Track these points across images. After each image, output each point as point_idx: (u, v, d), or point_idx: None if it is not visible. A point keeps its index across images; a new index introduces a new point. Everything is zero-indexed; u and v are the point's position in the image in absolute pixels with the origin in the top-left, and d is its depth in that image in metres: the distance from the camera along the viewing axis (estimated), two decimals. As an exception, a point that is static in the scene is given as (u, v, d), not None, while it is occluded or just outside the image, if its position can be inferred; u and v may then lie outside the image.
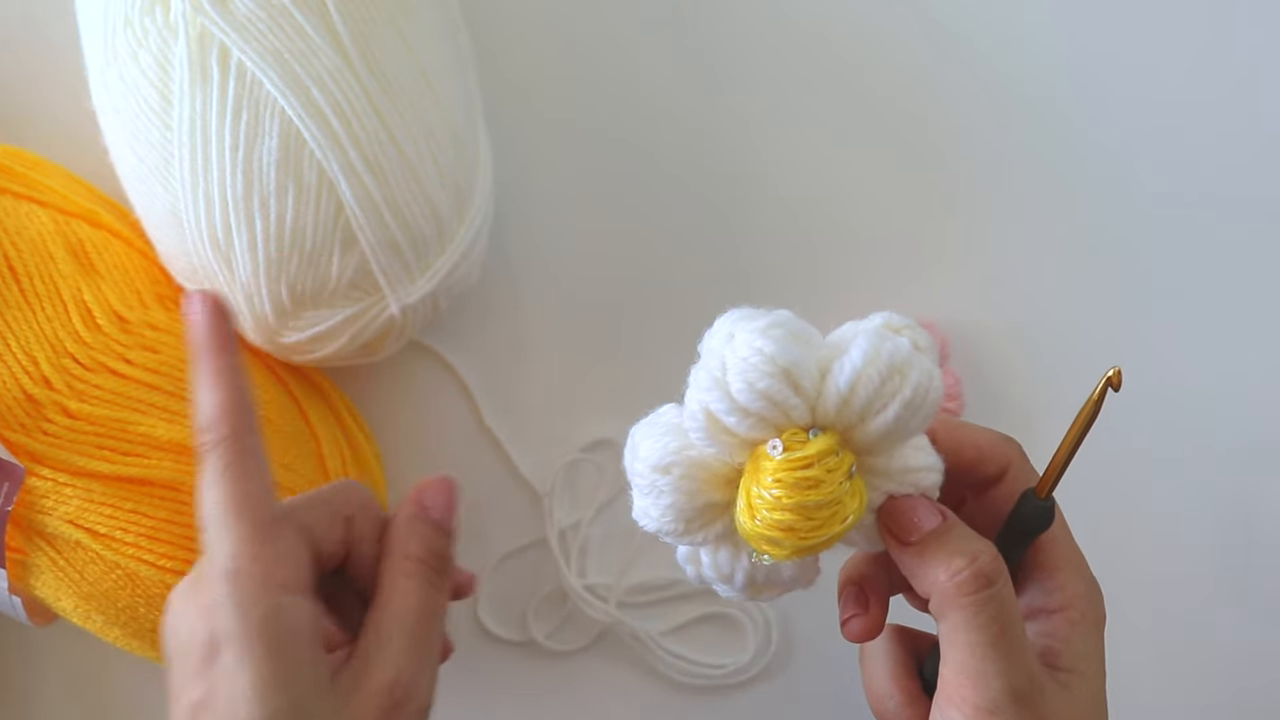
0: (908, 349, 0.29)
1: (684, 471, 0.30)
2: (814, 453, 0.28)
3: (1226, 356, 0.55)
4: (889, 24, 0.54)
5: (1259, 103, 0.55)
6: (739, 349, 0.28)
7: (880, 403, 0.29)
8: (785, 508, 0.28)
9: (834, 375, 0.29)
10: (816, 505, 0.28)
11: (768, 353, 0.28)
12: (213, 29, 0.40)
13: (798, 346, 0.29)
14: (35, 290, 0.42)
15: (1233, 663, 0.55)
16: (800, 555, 0.29)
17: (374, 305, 0.44)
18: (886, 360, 0.29)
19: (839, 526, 0.29)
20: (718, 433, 0.29)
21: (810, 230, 0.54)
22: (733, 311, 0.30)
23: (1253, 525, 0.55)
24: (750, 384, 0.28)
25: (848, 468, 0.29)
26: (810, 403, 0.29)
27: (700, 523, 0.30)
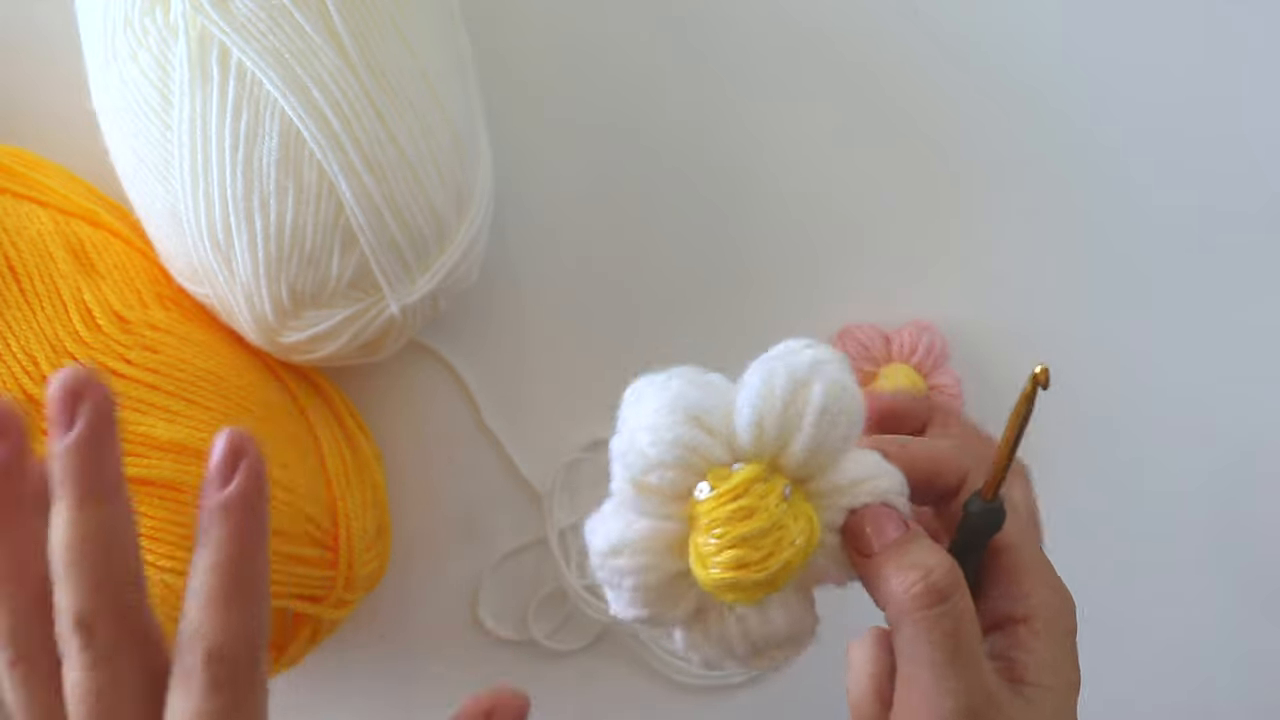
0: (807, 363, 0.30)
1: (636, 548, 0.29)
2: (739, 482, 0.29)
3: (1226, 356, 0.55)
4: (890, 26, 0.54)
5: (1259, 103, 0.55)
6: (642, 410, 0.29)
7: (793, 421, 0.29)
8: (728, 544, 0.28)
9: (739, 407, 0.29)
10: (758, 533, 0.28)
11: (668, 402, 0.29)
12: (213, 29, 0.40)
13: (696, 390, 0.29)
14: (35, 290, 0.42)
15: (1233, 662, 0.55)
16: (766, 590, 0.29)
17: (374, 305, 0.44)
18: (785, 378, 0.29)
19: (789, 550, 0.29)
20: (649, 496, 0.29)
21: (811, 230, 0.54)
22: (637, 380, 0.31)
23: (1252, 525, 0.55)
24: (659, 436, 0.29)
25: (780, 490, 0.29)
26: (726, 441, 0.29)
27: (672, 596, 0.30)
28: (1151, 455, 0.55)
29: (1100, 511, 0.55)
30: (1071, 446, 0.54)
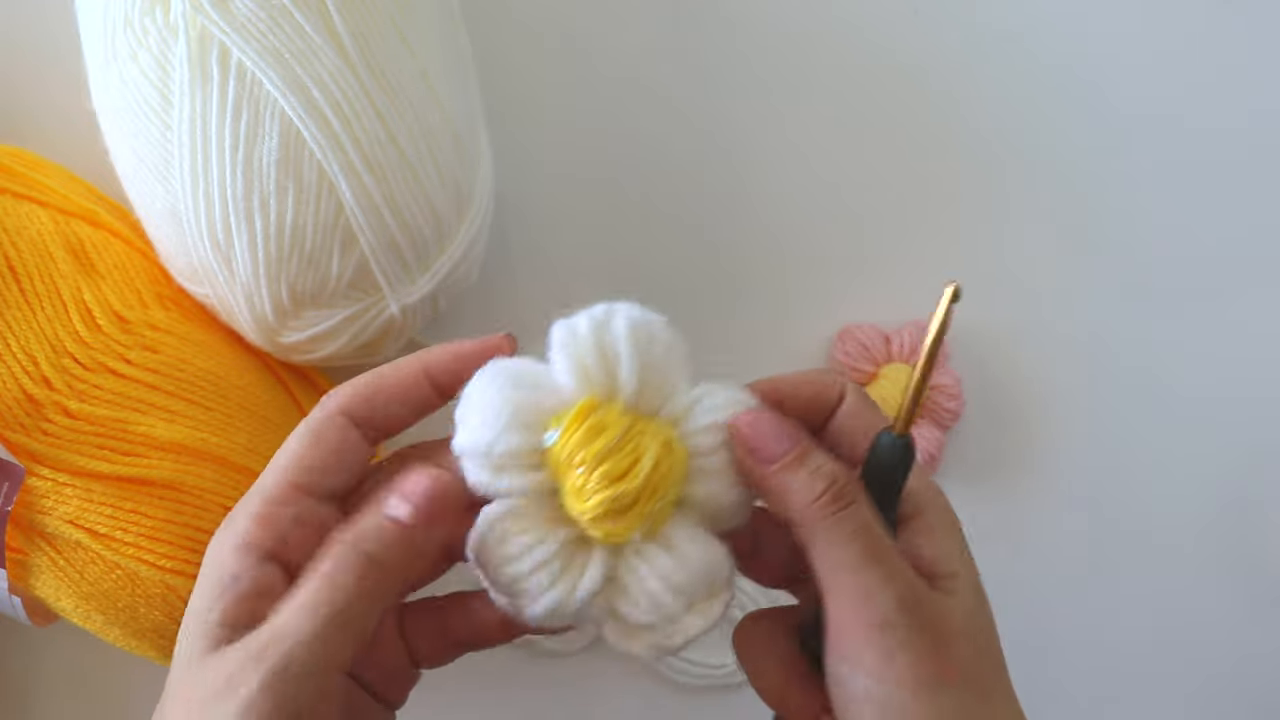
0: (601, 308, 0.31)
1: (519, 534, 0.30)
2: (578, 409, 0.29)
3: (1227, 356, 0.55)
4: (890, 26, 0.54)
5: (1260, 102, 0.55)
6: (468, 404, 0.30)
7: (609, 351, 0.30)
8: (592, 464, 0.29)
9: (553, 360, 0.30)
10: (615, 444, 0.29)
11: (486, 384, 0.30)
12: (213, 29, 0.40)
13: (514, 366, 0.31)
14: (35, 290, 0.42)
15: (1234, 661, 0.55)
16: (652, 506, 0.29)
17: (374, 305, 0.44)
18: (586, 321, 0.30)
19: (655, 452, 0.29)
20: (506, 472, 0.30)
21: (811, 230, 0.54)
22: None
23: (1256, 524, 0.55)
24: (486, 411, 0.29)
25: (619, 408, 0.30)
26: (554, 395, 0.30)
27: (577, 567, 0.30)
28: (1152, 455, 0.55)
29: (1100, 511, 0.55)
30: (1071, 446, 0.54)
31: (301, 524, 0.30)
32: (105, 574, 0.41)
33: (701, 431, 0.31)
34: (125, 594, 0.41)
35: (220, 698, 0.27)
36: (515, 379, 0.30)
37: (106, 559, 0.41)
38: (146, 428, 0.41)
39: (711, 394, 0.31)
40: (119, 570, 0.41)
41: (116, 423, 0.41)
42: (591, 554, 0.30)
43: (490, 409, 0.29)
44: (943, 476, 0.54)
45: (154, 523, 0.41)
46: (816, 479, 0.30)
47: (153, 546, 0.41)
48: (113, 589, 0.41)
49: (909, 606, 0.29)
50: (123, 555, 0.41)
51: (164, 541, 0.41)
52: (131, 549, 0.41)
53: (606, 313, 0.31)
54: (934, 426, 0.52)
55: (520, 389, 0.30)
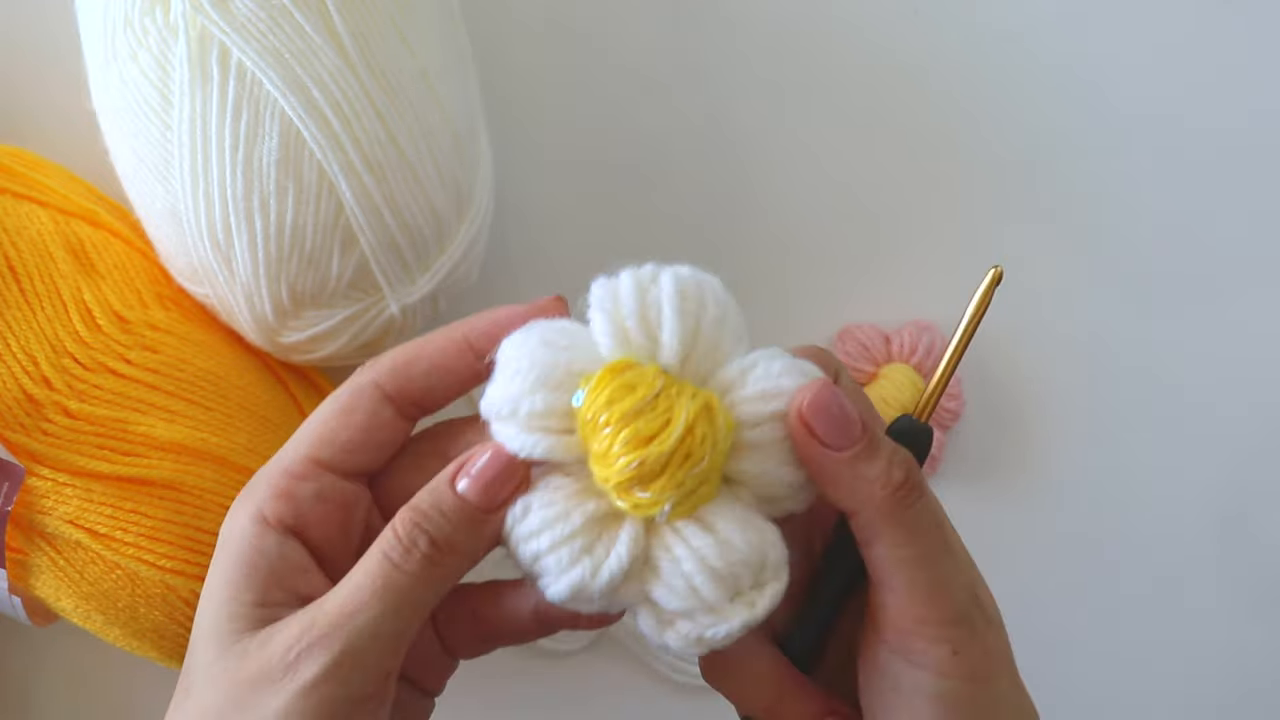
0: (649, 268, 0.29)
1: (547, 504, 0.28)
2: (607, 367, 0.27)
3: (1227, 357, 0.55)
4: (890, 26, 0.54)
5: (1260, 102, 0.55)
6: (501, 365, 0.28)
7: (652, 313, 0.28)
8: (620, 424, 0.26)
9: (592, 321, 0.28)
10: (646, 402, 0.26)
11: (520, 342, 0.28)
12: (213, 29, 0.40)
13: (550, 327, 0.28)
14: (35, 290, 0.42)
15: (1232, 661, 0.55)
16: (684, 475, 0.26)
17: (374, 305, 0.44)
18: (629, 281, 0.28)
19: (689, 414, 0.26)
20: (537, 431, 0.27)
21: (811, 230, 0.54)
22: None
23: (1252, 524, 0.55)
24: (518, 367, 0.28)
25: (655, 369, 0.27)
26: (588, 355, 0.28)
27: (606, 541, 0.27)
28: (1151, 455, 0.55)
29: (1100, 511, 0.55)
30: (1071, 446, 0.54)
31: (322, 500, 0.29)
32: (105, 574, 0.41)
33: (753, 400, 0.28)
34: (125, 594, 0.41)
35: (274, 680, 0.26)
36: (547, 339, 0.28)
37: (106, 559, 0.41)
38: (146, 428, 0.41)
39: (767, 360, 0.28)
40: (119, 570, 0.41)
41: (116, 423, 0.41)
42: (621, 530, 0.27)
43: (517, 368, 0.27)
44: (942, 476, 0.54)
45: (154, 523, 0.41)
46: (895, 468, 0.27)
47: (153, 546, 0.41)
48: (113, 589, 0.41)
49: (975, 600, 0.28)
50: (123, 555, 0.41)
51: (164, 541, 0.41)
52: (131, 549, 0.41)
53: (653, 271, 0.28)
54: (934, 426, 0.52)
55: (551, 349, 0.27)
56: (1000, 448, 0.54)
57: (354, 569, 0.28)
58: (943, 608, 0.27)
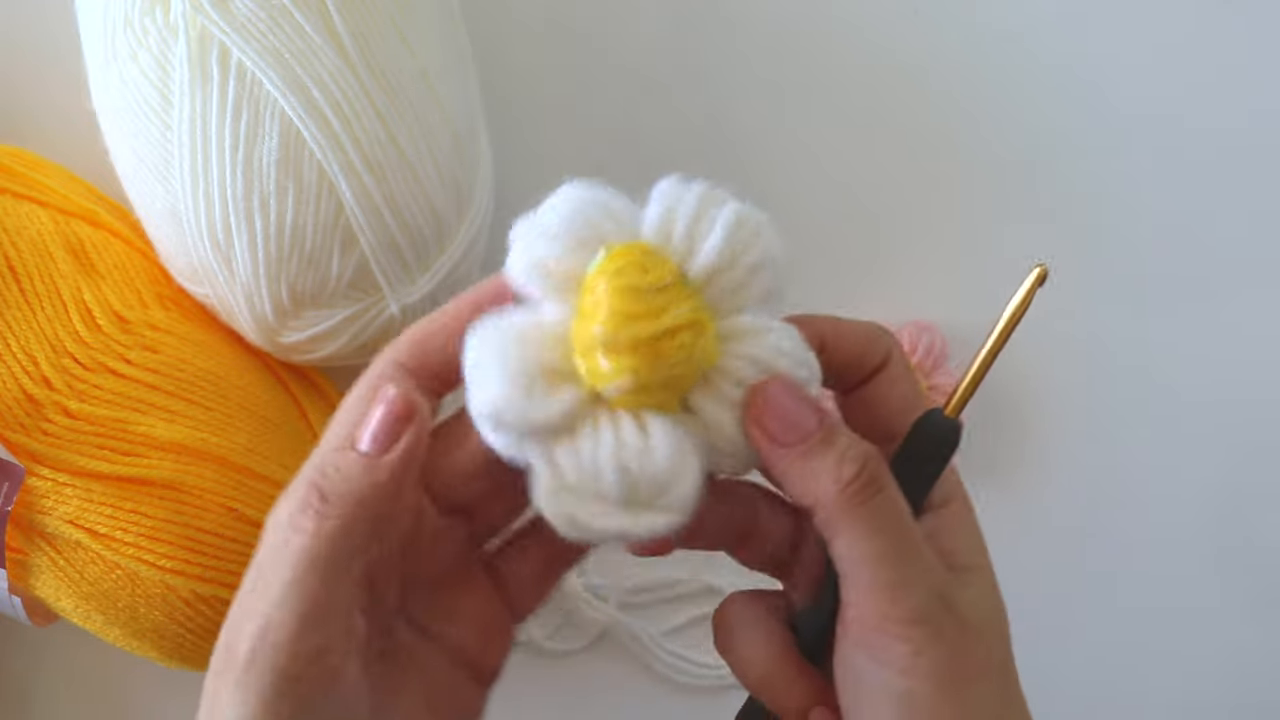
0: (724, 193, 0.28)
1: (518, 326, 0.27)
2: (634, 244, 0.27)
3: (1226, 356, 0.55)
4: (890, 26, 0.54)
5: (1260, 102, 0.55)
6: (552, 201, 0.28)
7: (704, 226, 0.28)
8: (614, 292, 0.26)
9: (650, 202, 0.28)
10: (650, 288, 0.26)
11: (579, 191, 0.28)
12: (213, 29, 0.40)
13: (604, 189, 0.28)
14: (35, 290, 0.42)
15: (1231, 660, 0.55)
16: (643, 364, 0.26)
17: (374, 305, 0.44)
18: (702, 190, 0.28)
19: (684, 316, 0.26)
20: (546, 277, 0.27)
21: (811, 229, 0.54)
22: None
23: (1251, 524, 0.55)
24: (559, 210, 0.28)
25: (675, 269, 0.27)
26: (631, 232, 0.28)
27: (543, 389, 0.27)
28: (1150, 454, 0.55)
29: (1099, 510, 0.55)
30: (1070, 445, 0.54)
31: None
32: (105, 574, 0.41)
33: (742, 359, 0.27)
34: (125, 594, 0.41)
35: (229, 669, 0.26)
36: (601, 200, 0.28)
37: (106, 559, 0.41)
38: (146, 428, 0.41)
39: (780, 334, 0.28)
40: (119, 570, 0.41)
41: (116, 423, 0.41)
42: (565, 385, 0.27)
43: (560, 212, 0.27)
44: (943, 476, 0.53)
45: (154, 523, 0.41)
46: (846, 462, 0.27)
47: (153, 546, 0.41)
48: (113, 589, 0.41)
49: (943, 600, 0.27)
50: (123, 555, 0.41)
51: (164, 541, 0.41)
52: (131, 549, 0.41)
53: (725, 195, 0.28)
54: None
55: (598, 210, 0.28)
56: (1000, 447, 0.54)
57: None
58: (904, 606, 0.27)
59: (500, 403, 0.26)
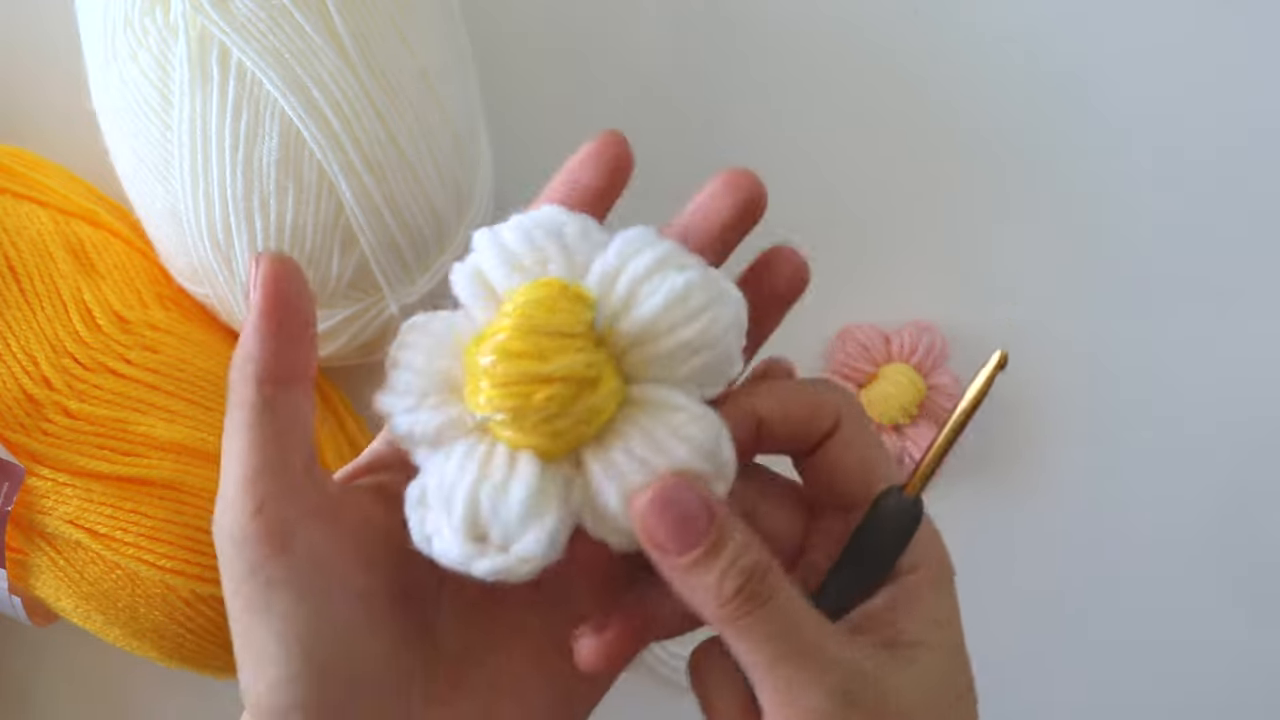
0: (697, 260, 0.27)
1: (438, 330, 0.27)
2: (557, 281, 0.26)
3: (1226, 356, 0.55)
4: (890, 26, 0.54)
5: (1260, 102, 0.55)
6: (530, 212, 0.28)
7: (648, 287, 0.26)
8: (511, 325, 0.25)
9: (608, 249, 0.27)
10: (546, 330, 0.25)
11: (550, 210, 0.28)
12: (213, 29, 0.40)
13: (581, 223, 0.27)
14: (35, 290, 0.42)
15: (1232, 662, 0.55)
16: (509, 405, 0.25)
17: (374, 305, 0.44)
18: (664, 251, 0.27)
19: (565, 361, 0.25)
20: (479, 287, 0.27)
21: (811, 230, 0.54)
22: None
23: (1252, 524, 0.55)
24: (519, 227, 0.27)
25: (591, 318, 0.26)
26: (576, 270, 0.27)
27: (434, 397, 0.26)
28: (1150, 455, 0.55)
29: (1099, 511, 0.55)
30: (1070, 446, 0.54)
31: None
32: (105, 574, 0.41)
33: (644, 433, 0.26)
34: (125, 594, 0.41)
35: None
36: (566, 229, 0.28)
37: (106, 559, 0.41)
38: (146, 428, 0.41)
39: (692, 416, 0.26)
40: (119, 570, 0.41)
41: (116, 423, 0.41)
42: (455, 404, 0.27)
43: (519, 230, 0.27)
44: (942, 476, 0.53)
45: (154, 523, 0.41)
46: (728, 579, 0.25)
47: (153, 546, 0.41)
48: (113, 589, 0.41)
49: (843, 698, 0.26)
50: (123, 555, 0.41)
51: (164, 541, 0.41)
52: (131, 549, 0.41)
53: (691, 260, 0.27)
54: (933, 426, 0.52)
55: (554, 239, 0.27)
56: (999, 447, 0.54)
57: None
58: (800, 707, 0.26)
59: (391, 405, 0.27)
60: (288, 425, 0.28)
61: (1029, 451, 0.54)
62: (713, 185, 0.31)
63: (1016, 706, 0.54)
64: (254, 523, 0.27)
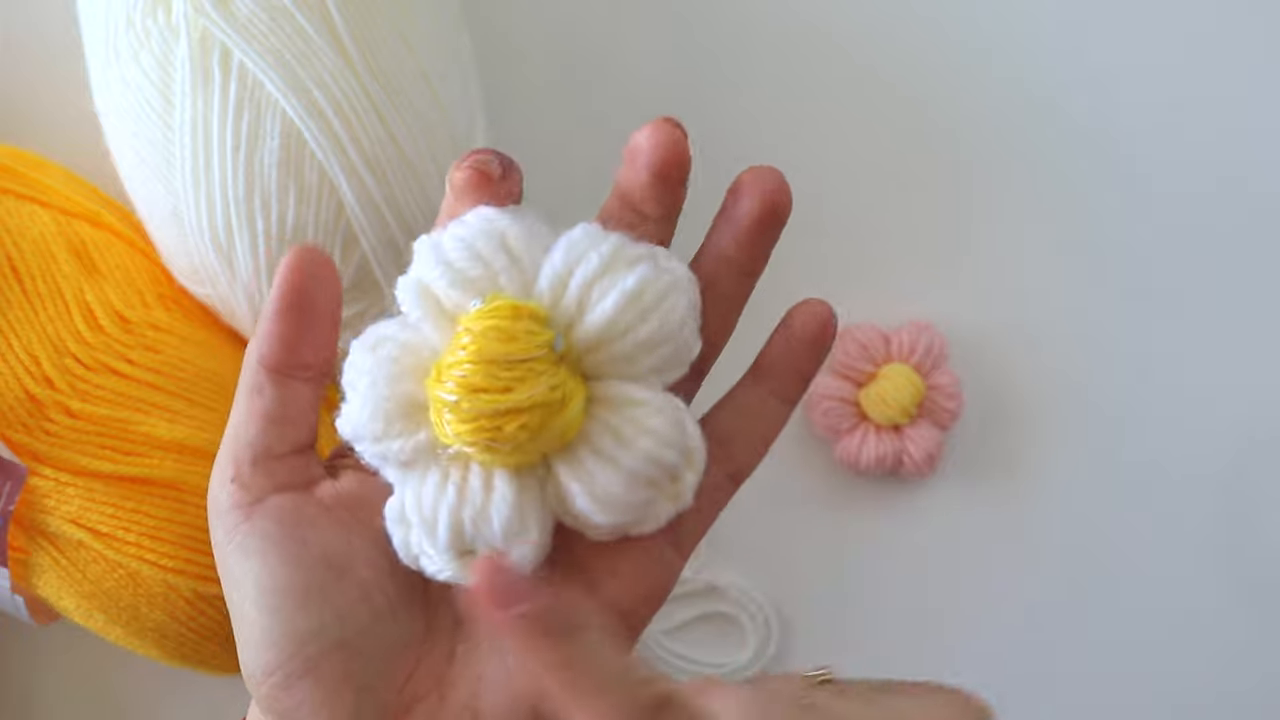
0: (644, 250, 0.27)
1: (392, 352, 0.27)
2: (512, 304, 0.25)
3: (1228, 356, 0.55)
4: (890, 26, 0.54)
5: (1263, 101, 0.55)
6: (463, 220, 0.27)
7: (599, 289, 0.26)
8: (472, 358, 0.25)
9: (552, 251, 0.27)
10: (506, 360, 0.25)
11: (489, 217, 0.27)
12: (214, 30, 0.40)
13: (521, 222, 0.27)
14: (37, 290, 0.42)
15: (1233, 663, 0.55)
16: (481, 437, 0.25)
17: (374, 305, 0.44)
18: (609, 248, 0.26)
19: (539, 390, 0.25)
20: (428, 303, 0.27)
21: (811, 228, 0.54)
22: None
23: (1253, 525, 0.55)
24: (460, 238, 0.27)
25: (549, 338, 0.25)
26: (525, 277, 0.26)
27: (401, 422, 0.26)
28: (1151, 455, 0.55)
29: (1099, 511, 0.55)
30: (1070, 446, 0.54)
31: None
32: (107, 573, 0.41)
33: (609, 430, 0.26)
34: (127, 593, 0.42)
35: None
36: (507, 235, 0.27)
37: (108, 558, 0.41)
38: (149, 427, 0.41)
39: (654, 409, 0.26)
40: (121, 569, 0.41)
41: (118, 422, 0.41)
42: (423, 427, 0.26)
43: (458, 242, 0.27)
44: (941, 476, 0.54)
45: (156, 522, 0.41)
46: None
47: (155, 546, 0.41)
48: (114, 588, 0.42)
49: None
50: (125, 555, 0.41)
51: (166, 541, 0.41)
52: (133, 548, 0.41)
53: (637, 255, 0.27)
54: (933, 426, 0.52)
55: (498, 248, 0.27)
56: (999, 447, 0.54)
57: None
58: None
59: (359, 429, 0.27)
60: (279, 412, 0.29)
61: (1028, 451, 0.54)
62: (735, 190, 0.31)
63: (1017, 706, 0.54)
64: (224, 491, 0.28)
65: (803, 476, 0.53)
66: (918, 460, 0.52)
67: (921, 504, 0.54)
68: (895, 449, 0.52)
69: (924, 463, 0.52)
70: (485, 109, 0.49)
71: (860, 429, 0.52)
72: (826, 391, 0.52)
